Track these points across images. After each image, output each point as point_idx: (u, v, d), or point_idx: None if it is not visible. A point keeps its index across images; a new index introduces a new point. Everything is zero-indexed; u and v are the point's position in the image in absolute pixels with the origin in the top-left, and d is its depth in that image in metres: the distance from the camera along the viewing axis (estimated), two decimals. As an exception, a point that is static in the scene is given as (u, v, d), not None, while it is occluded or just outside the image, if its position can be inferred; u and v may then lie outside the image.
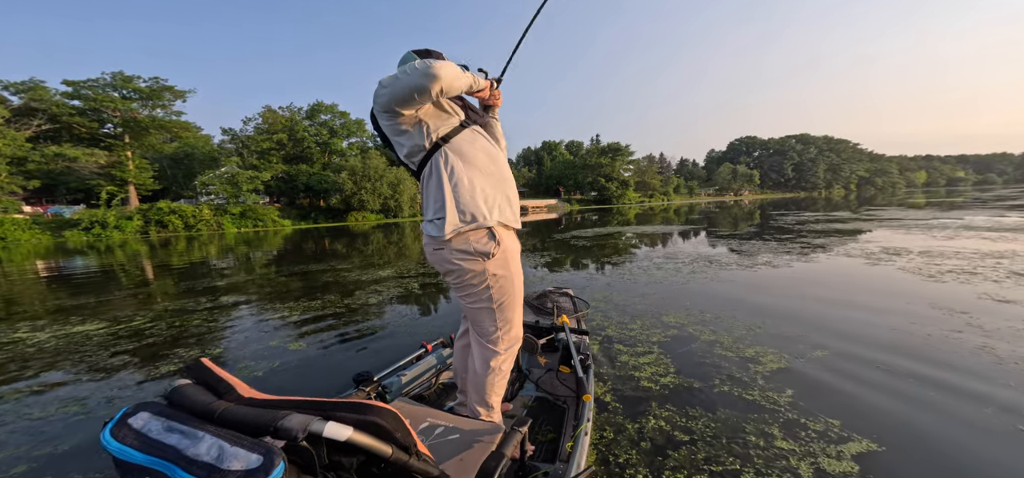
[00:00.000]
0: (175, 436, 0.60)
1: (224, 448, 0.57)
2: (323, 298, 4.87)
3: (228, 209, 28.83)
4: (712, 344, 2.76)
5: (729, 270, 5.40)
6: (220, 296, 5.24)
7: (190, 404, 0.67)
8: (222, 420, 0.64)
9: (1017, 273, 4.46)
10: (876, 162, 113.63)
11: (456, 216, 1.24)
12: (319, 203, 45.28)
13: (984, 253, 5.75)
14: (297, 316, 4.08)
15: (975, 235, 7.74)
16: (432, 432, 1.24)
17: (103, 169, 29.01)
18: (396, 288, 5.27)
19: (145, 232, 23.75)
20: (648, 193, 73.79)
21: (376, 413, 0.70)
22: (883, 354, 2.51)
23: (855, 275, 4.80)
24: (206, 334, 3.60)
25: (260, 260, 9.65)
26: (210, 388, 0.72)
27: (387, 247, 11.75)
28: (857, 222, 12.02)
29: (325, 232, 23.14)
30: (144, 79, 32.26)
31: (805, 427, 1.79)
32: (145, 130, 33.41)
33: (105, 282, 6.96)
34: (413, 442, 0.75)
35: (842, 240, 8.01)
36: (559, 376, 1.95)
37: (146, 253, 12.97)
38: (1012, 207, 15.17)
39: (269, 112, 46.51)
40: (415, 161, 1.30)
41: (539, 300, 2.62)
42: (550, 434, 1.68)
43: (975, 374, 2.22)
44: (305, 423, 0.61)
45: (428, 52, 1.35)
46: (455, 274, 1.31)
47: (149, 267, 8.97)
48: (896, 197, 36.78)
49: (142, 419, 0.63)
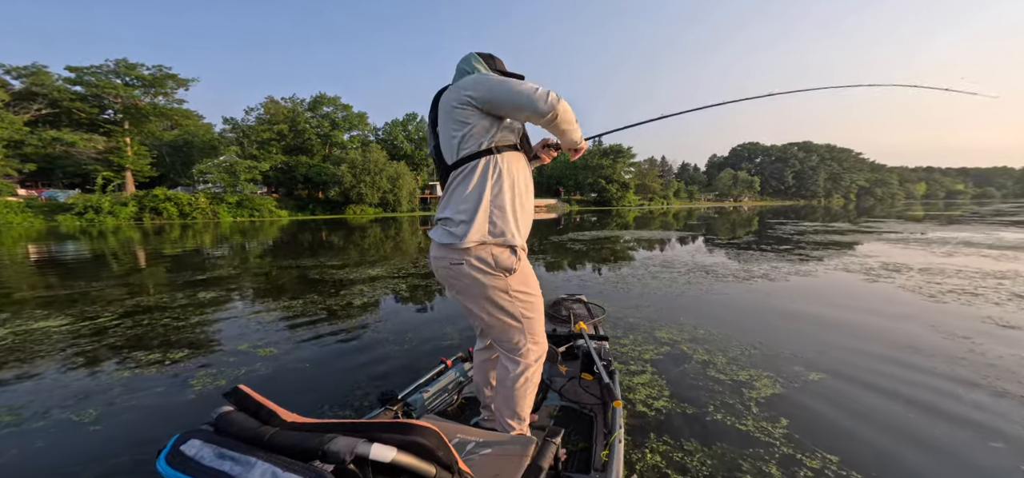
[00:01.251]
0: (227, 463, 0.62)
1: (278, 474, 0.58)
2: (305, 298, 4.75)
3: (225, 198, 28.73)
4: (706, 365, 2.65)
5: (725, 282, 5.29)
6: (198, 292, 5.13)
7: (238, 431, 0.68)
8: (271, 445, 0.65)
9: (1020, 295, 4.37)
10: (877, 172, 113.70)
11: (486, 226, 1.23)
12: (318, 195, 45.10)
13: (986, 272, 5.65)
14: (275, 316, 3.97)
15: (975, 252, 7.64)
16: (464, 448, 1.21)
17: (101, 155, 28.85)
18: (388, 289, 5.15)
19: (139, 219, 23.64)
20: (648, 196, 73.70)
21: (418, 432, 0.70)
22: (882, 382, 2.41)
23: (854, 292, 4.70)
24: (172, 335, 3.48)
25: (250, 252, 9.52)
26: (252, 413, 0.74)
27: (383, 241, 11.63)
28: (855, 234, 11.93)
29: (322, 224, 23.00)
30: (147, 67, 32.11)
31: (802, 464, 1.68)
32: (145, 117, 33.23)
33: (83, 271, 6.84)
34: (454, 460, 0.75)
35: (841, 253, 7.92)
36: (582, 383, 1.95)
37: (137, 240, 12.82)
38: (1011, 223, 15.09)
39: (272, 103, 46.29)
40: (459, 153, 1.26)
41: (554, 308, 2.61)
42: (581, 443, 1.64)
43: (979, 407, 2.12)
44: (351, 446, 0.62)
45: (491, 58, 1.42)
46: (471, 290, 1.28)
47: (134, 256, 8.84)
48: (895, 209, 36.72)
49: (194, 446, 0.65)
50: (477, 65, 1.39)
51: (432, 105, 1.38)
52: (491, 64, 1.42)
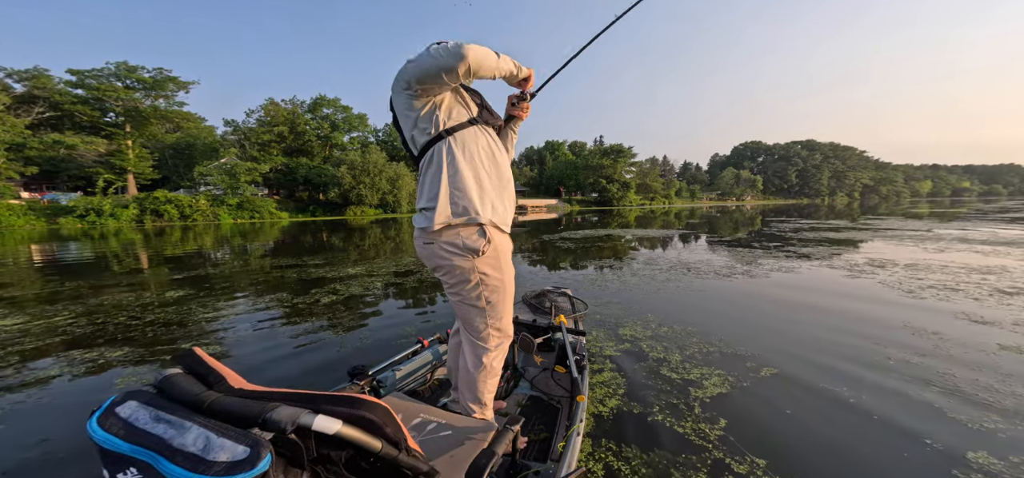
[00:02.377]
0: (162, 426, 0.59)
1: (211, 439, 0.56)
2: (292, 300, 4.75)
3: (225, 200, 28.84)
4: (660, 363, 2.61)
5: (704, 279, 5.24)
6: (173, 290, 5.14)
7: (180, 394, 0.66)
8: (211, 411, 0.63)
9: (1001, 291, 4.29)
10: (882, 170, 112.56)
11: (448, 208, 1.23)
12: (318, 196, 45.29)
13: (972, 268, 5.56)
14: (248, 314, 3.97)
15: (968, 248, 7.53)
16: (424, 428, 1.24)
17: (102, 157, 29.09)
18: (380, 291, 5.14)
19: (140, 221, 23.78)
20: (649, 196, 73.39)
21: (366, 407, 0.70)
22: (831, 381, 2.36)
23: (832, 288, 4.64)
24: (131, 335, 3.48)
25: (242, 253, 9.56)
26: (201, 378, 0.71)
27: (383, 242, 11.64)
28: (852, 231, 11.80)
29: (322, 226, 23.07)
30: (148, 69, 32.32)
31: (729, 470, 1.63)
32: (147, 120, 33.46)
33: (70, 270, 6.89)
34: (404, 437, 0.75)
35: (831, 250, 7.83)
36: (554, 376, 1.96)
37: (135, 242, 12.92)
38: (1014, 220, 14.87)
39: (272, 104, 46.56)
40: (418, 145, 1.30)
41: (537, 299, 2.62)
42: (543, 433, 1.67)
43: (926, 406, 2.07)
44: (294, 416, 0.61)
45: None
46: (444, 270, 1.30)
47: (126, 256, 8.89)
48: (900, 207, 36.32)
49: (130, 408, 0.62)
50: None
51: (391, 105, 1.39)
52: None
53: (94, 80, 29.94)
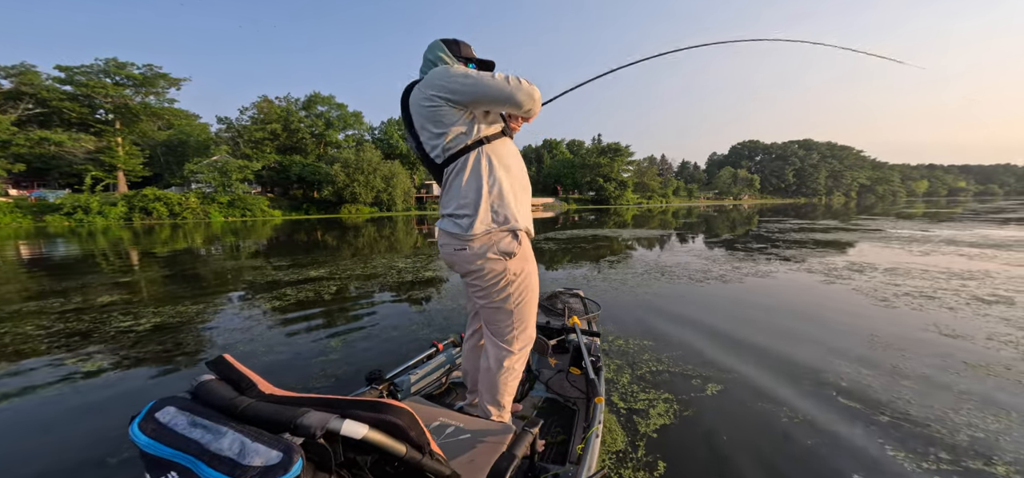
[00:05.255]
0: (199, 431, 0.62)
1: (246, 444, 0.58)
2: (285, 300, 4.56)
3: (216, 198, 28.54)
4: (609, 387, 2.40)
5: (676, 284, 5.08)
6: (151, 289, 4.95)
7: (214, 399, 0.69)
8: (244, 416, 0.65)
9: (979, 298, 4.14)
10: (878, 170, 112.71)
11: (489, 216, 1.27)
12: (313, 194, 45.03)
13: (953, 272, 5.42)
14: (236, 314, 3.79)
15: (954, 251, 7.39)
16: (443, 431, 1.25)
17: (91, 154, 28.77)
18: (388, 293, 4.96)
19: (128, 218, 23.50)
20: (647, 195, 73.28)
21: (391, 412, 0.71)
22: (773, 402, 2.19)
23: (803, 295, 4.48)
24: (49, 344, 3.30)
25: (233, 251, 9.35)
26: (233, 384, 0.74)
27: (377, 241, 11.44)
28: (841, 232, 11.66)
29: (316, 224, 22.85)
30: (138, 66, 31.96)
31: None
32: (137, 117, 33.11)
33: (50, 267, 6.68)
34: (427, 441, 0.76)
35: (815, 252, 7.68)
36: (569, 377, 1.97)
37: (117, 241, 12.70)
38: (1007, 220, 14.77)
39: (265, 102, 46.23)
40: (448, 152, 1.29)
41: (549, 301, 2.62)
42: (560, 436, 1.67)
43: (866, 438, 1.90)
44: (323, 421, 0.62)
45: (456, 44, 1.41)
46: (475, 274, 1.33)
47: (99, 256, 8.68)
48: (896, 206, 36.26)
49: (168, 413, 0.65)
50: (441, 55, 1.38)
51: (402, 104, 1.38)
52: (456, 51, 1.40)
53: (83, 77, 29.58)
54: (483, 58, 1.45)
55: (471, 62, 1.42)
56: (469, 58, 1.43)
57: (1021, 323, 3.35)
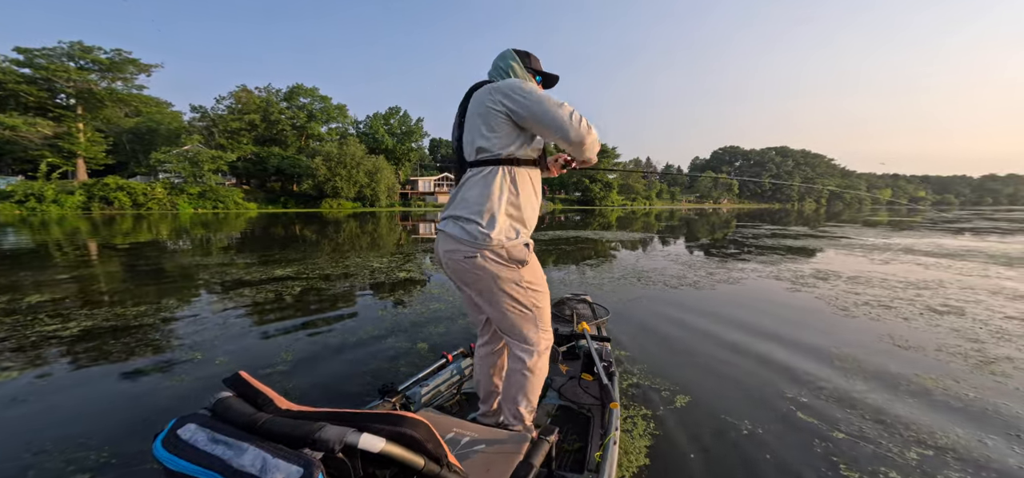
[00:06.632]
0: (221, 447, 0.63)
1: (267, 460, 0.59)
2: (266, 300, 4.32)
3: (185, 188, 27.28)
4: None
5: (651, 288, 5.14)
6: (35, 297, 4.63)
7: (233, 416, 0.69)
8: (264, 432, 0.66)
9: (932, 309, 4.34)
10: (847, 178, 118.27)
11: (503, 228, 1.29)
12: (292, 188, 43.68)
13: (910, 282, 5.69)
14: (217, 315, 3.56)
15: (911, 260, 7.78)
16: (458, 443, 1.25)
17: (49, 140, 27.01)
18: (388, 299, 4.77)
19: (87, 208, 22.19)
20: (631, 196, 74.49)
21: (408, 424, 0.71)
22: (733, 417, 2.22)
23: (767, 303, 4.58)
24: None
25: (200, 246, 8.89)
26: (250, 400, 0.75)
27: (359, 236, 11.11)
28: (809, 239, 12.12)
29: (293, 218, 22.11)
30: (105, 50, 30.26)
31: None
32: (101, 102, 31.32)
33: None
34: (444, 453, 0.76)
35: (783, 258, 7.93)
36: (582, 384, 1.98)
37: (72, 232, 11.89)
38: (961, 230, 15.69)
39: (244, 92, 44.57)
40: (481, 154, 1.32)
41: (557, 307, 2.58)
42: (576, 443, 1.66)
43: (798, 464, 1.94)
44: (341, 435, 0.63)
45: (527, 55, 1.48)
46: (485, 281, 1.32)
47: (46, 249, 8.09)
48: (862, 214, 38.05)
49: (190, 430, 0.66)
50: (513, 64, 1.44)
51: (466, 95, 1.40)
52: (526, 63, 1.47)
53: (44, 59, 27.75)
54: (549, 72, 1.53)
55: (538, 75, 1.50)
56: (536, 70, 1.50)
57: (969, 334, 3.53)
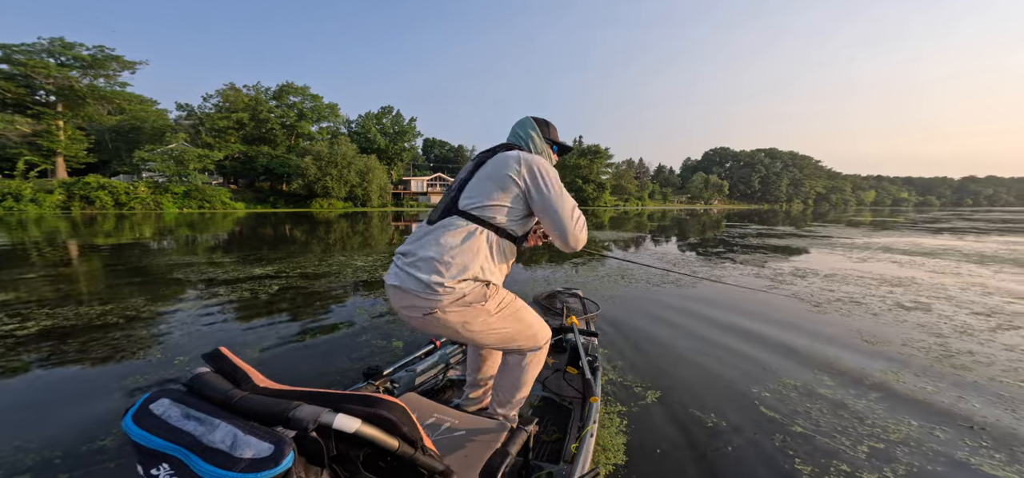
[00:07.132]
0: (192, 423, 0.62)
1: (238, 436, 0.59)
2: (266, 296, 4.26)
3: (170, 188, 26.72)
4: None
5: (634, 287, 5.21)
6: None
7: (209, 392, 0.69)
8: (238, 409, 0.65)
9: (901, 305, 4.48)
10: (833, 179, 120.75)
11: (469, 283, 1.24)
12: (281, 187, 43.12)
13: (884, 279, 5.85)
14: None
15: (887, 258, 8.00)
16: (438, 427, 1.26)
17: (27, 138, 26.26)
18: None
19: (67, 207, 21.61)
20: (624, 197, 75.05)
21: (384, 407, 0.72)
22: (701, 411, 2.28)
23: (745, 303, 4.65)
24: None
25: (171, 247, 8.72)
26: (228, 376, 0.74)
27: (351, 236, 11.00)
28: (793, 238, 12.38)
29: (283, 218, 21.80)
30: (88, 47, 29.57)
31: None
32: (83, 100, 30.54)
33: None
34: (419, 436, 0.77)
35: (767, 258, 8.09)
36: (566, 377, 1.99)
37: (51, 232, 11.57)
38: (939, 230, 16.16)
39: (232, 90, 43.88)
40: (473, 210, 1.30)
41: (548, 300, 2.61)
42: (555, 434, 1.68)
43: (780, 448, 2.01)
44: (315, 414, 0.63)
45: (546, 124, 1.53)
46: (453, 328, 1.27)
47: (19, 249, 7.86)
48: (846, 214, 38.92)
49: (162, 405, 0.65)
50: (533, 134, 1.47)
51: (491, 149, 1.42)
52: (545, 132, 1.50)
53: (23, 55, 26.99)
54: (563, 142, 1.58)
55: (555, 145, 1.54)
56: (553, 141, 1.53)
57: (934, 330, 3.65)
